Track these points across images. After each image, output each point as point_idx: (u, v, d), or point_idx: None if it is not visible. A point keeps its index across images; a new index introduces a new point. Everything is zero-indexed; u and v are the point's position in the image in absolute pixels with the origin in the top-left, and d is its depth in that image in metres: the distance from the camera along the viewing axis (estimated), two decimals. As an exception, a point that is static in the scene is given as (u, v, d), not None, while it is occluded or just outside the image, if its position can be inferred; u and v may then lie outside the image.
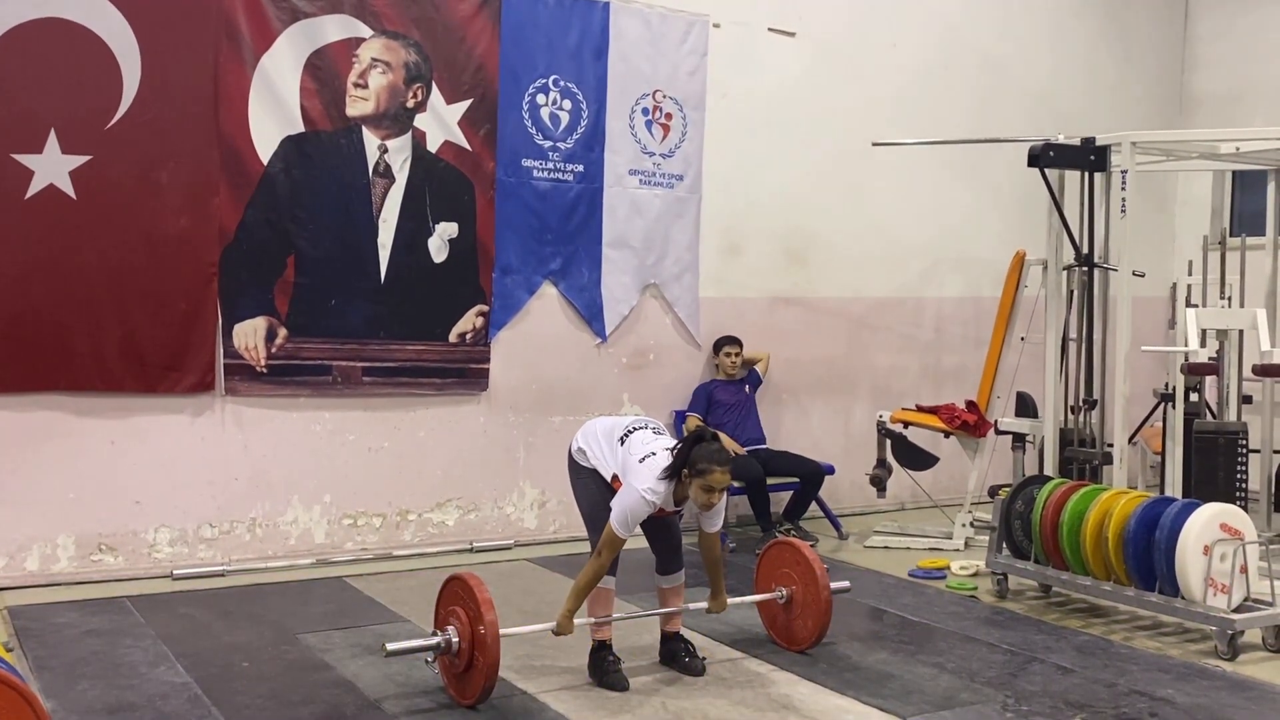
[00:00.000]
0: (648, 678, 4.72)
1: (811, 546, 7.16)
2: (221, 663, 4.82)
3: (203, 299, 6.24)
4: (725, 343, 7.61)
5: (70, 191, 5.91)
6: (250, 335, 6.38)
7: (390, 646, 4.34)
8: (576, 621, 4.54)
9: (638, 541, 4.81)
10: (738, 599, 5.10)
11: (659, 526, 4.76)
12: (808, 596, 4.99)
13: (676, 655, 4.82)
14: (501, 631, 4.23)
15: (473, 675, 4.28)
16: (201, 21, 6.16)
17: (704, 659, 4.82)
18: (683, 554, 4.84)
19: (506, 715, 4.32)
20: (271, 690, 4.51)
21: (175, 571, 6.21)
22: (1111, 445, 6.68)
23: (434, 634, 4.40)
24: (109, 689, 4.47)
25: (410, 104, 6.74)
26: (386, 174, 6.70)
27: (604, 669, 4.61)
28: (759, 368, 7.75)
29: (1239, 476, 6.55)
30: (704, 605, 4.86)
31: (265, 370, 6.42)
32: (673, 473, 4.40)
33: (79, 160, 5.92)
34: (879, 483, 7.49)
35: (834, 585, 5.01)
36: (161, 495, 6.22)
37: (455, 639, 4.32)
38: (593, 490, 4.69)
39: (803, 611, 5.03)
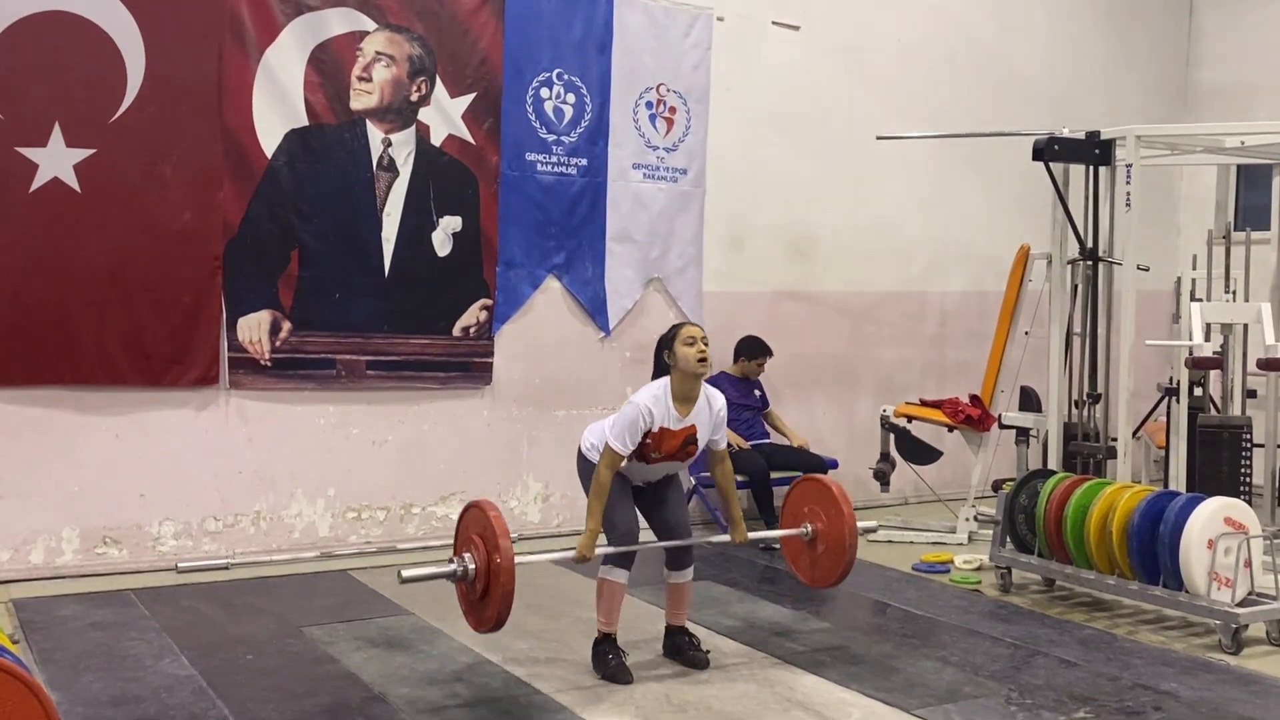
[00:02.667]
0: (652, 670, 4.73)
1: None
2: (226, 655, 4.83)
3: (207, 292, 6.25)
4: (759, 353, 7.46)
5: (75, 185, 5.91)
6: (254, 329, 6.38)
7: (406, 573, 4.33)
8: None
9: (649, 534, 4.82)
10: (759, 533, 5.18)
11: (665, 507, 4.74)
12: (833, 534, 4.93)
13: (681, 648, 4.83)
14: (517, 559, 4.19)
15: (488, 603, 4.25)
16: (205, 15, 6.16)
17: (708, 652, 4.82)
18: (692, 551, 4.82)
19: (511, 707, 4.32)
20: (276, 683, 4.52)
21: (179, 564, 6.15)
22: (1115, 439, 6.68)
23: (451, 561, 4.38)
24: (114, 681, 4.48)
25: (414, 97, 6.73)
26: (390, 168, 6.70)
27: (607, 662, 4.62)
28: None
29: (1243, 470, 6.55)
30: (726, 538, 4.86)
31: (269, 364, 6.43)
32: (658, 370, 4.60)
33: (83, 154, 5.92)
34: (883, 477, 7.49)
35: (861, 525, 4.95)
36: (166, 488, 6.23)
37: (472, 566, 4.29)
38: None
39: (827, 549, 4.96)
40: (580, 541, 4.54)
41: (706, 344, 4.55)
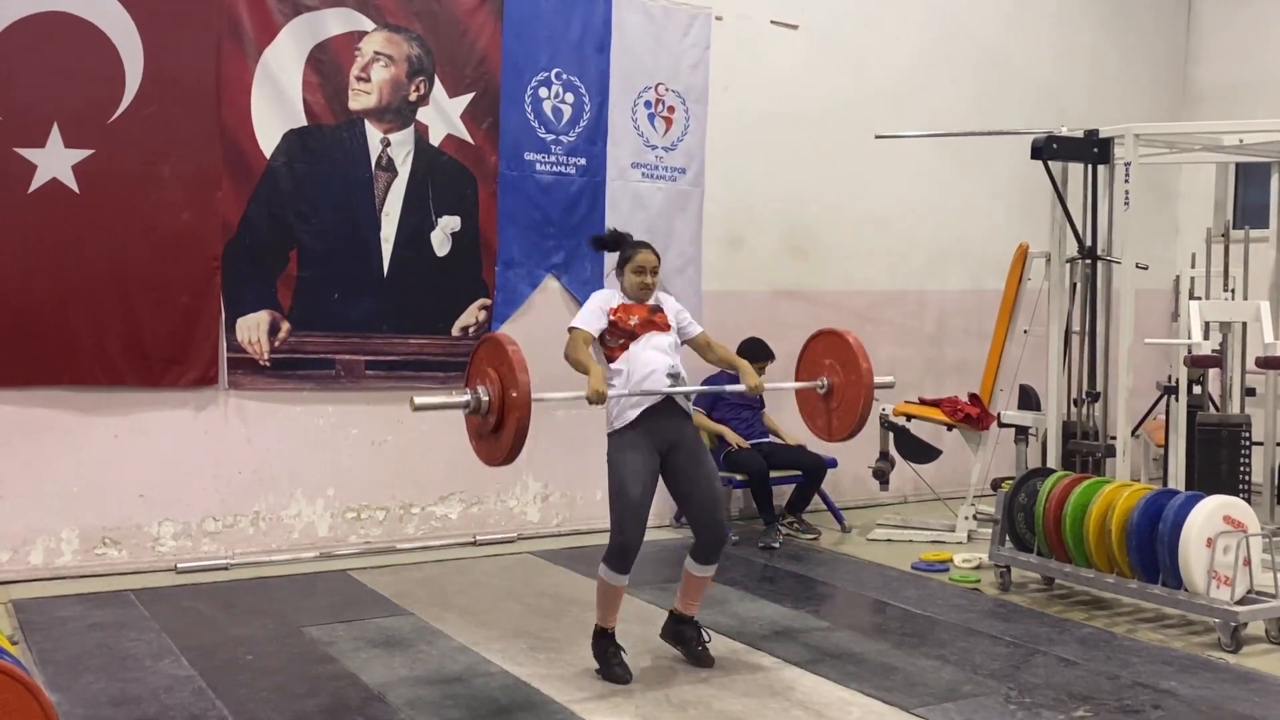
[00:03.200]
0: (652, 667, 4.73)
1: (814, 538, 7.25)
2: (225, 656, 4.83)
3: (206, 293, 6.24)
4: (761, 356, 7.22)
5: (73, 185, 5.91)
6: (253, 329, 6.38)
7: (418, 400, 4.27)
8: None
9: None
10: (777, 385, 5.15)
11: (702, 497, 4.64)
12: (849, 386, 4.89)
13: (688, 640, 4.80)
14: (534, 396, 4.14)
15: (502, 435, 4.21)
16: (204, 15, 6.16)
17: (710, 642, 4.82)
18: (723, 550, 4.76)
19: (510, 707, 4.32)
20: (275, 683, 4.52)
21: (179, 565, 6.22)
22: (1114, 438, 6.68)
23: (464, 391, 4.34)
24: (113, 682, 4.49)
25: (413, 97, 6.73)
26: (389, 168, 6.70)
27: (606, 660, 4.61)
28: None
29: (1242, 469, 6.55)
30: (740, 387, 4.74)
31: (268, 364, 6.43)
32: (602, 244, 4.91)
33: (82, 154, 5.92)
34: (882, 476, 7.49)
35: (879, 380, 4.89)
36: (165, 489, 6.23)
37: (485, 398, 4.25)
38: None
39: (842, 402, 4.93)
40: (589, 384, 4.41)
41: (655, 274, 4.76)
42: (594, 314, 4.65)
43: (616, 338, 4.63)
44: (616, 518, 4.53)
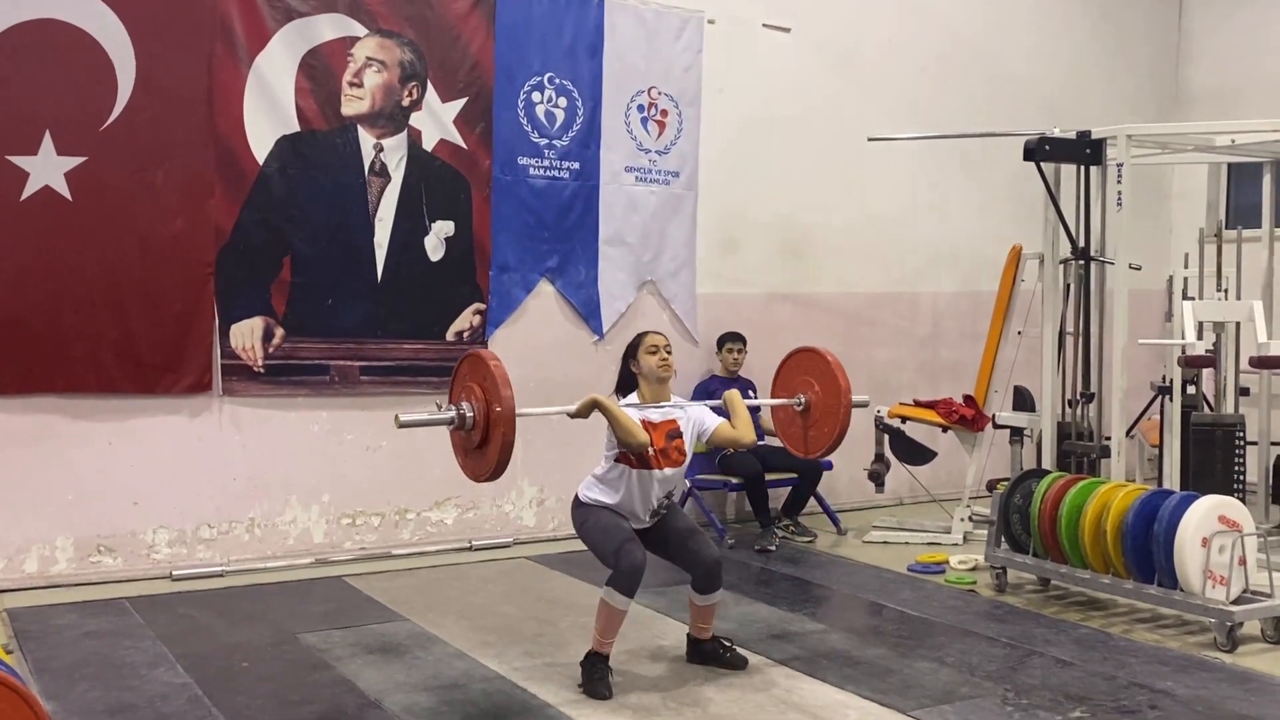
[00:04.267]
0: (649, 671, 4.72)
1: (810, 541, 7.25)
2: (221, 663, 4.82)
3: (199, 299, 6.24)
4: (728, 339, 7.57)
5: (66, 193, 5.90)
6: (247, 335, 6.38)
7: (403, 418, 4.31)
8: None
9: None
10: (754, 402, 5.09)
11: (683, 539, 4.69)
12: (827, 404, 4.93)
13: (716, 654, 4.80)
14: (518, 411, 4.16)
15: (488, 451, 4.23)
16: (196, 22, 6.15)
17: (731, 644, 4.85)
18: (722, 576, 4.74)
19: (507, 713, 4.32)
20: (271, 690, 4.51)
21: (174, 572, 6.20)
22: (1109, 438, 6.69)
23: (449, 408, 4.36)
24: (109, 690, 4.47)
25: (405, 103, 6.73)
26: (382, 173, 6.70)
27: (592, 676, 4.52)
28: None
29: (1237, 468, 6.56)
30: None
31: (262, 370, 6.42)
32: (624, 379, 4.75)
33: (74, 162, 5.91)
34: (877, 478, 7.49)
35: (855, 399, 4.92)
36: (160, 496, 6.21)
37: (470, 414, 4.28)
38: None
39: (820, 418, 4.96)
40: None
41: (669, 351, 4.69)
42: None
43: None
44: (614, 550, 4.50)
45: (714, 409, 4.86)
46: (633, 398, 4.69)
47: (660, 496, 4.66)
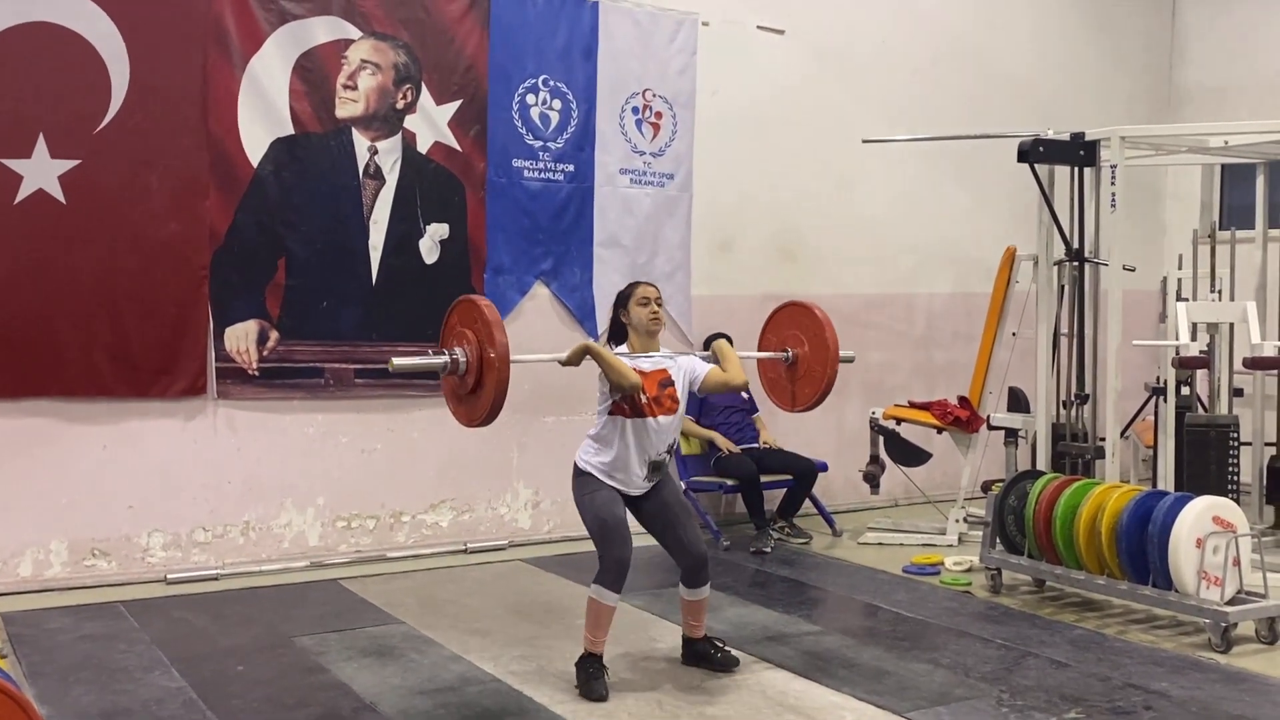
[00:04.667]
0: (645, 674, 4.72)
1: (805, 542, 7.25)
2: (216, 666, 4.81)
3: (194, 302, 6.23)
4: (715, 338, 7.51)
5: (59, 196, 5.89)
6: (242, 338, 6.37)
7: (396, 361, 4.32)
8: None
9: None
10: (742, 354, 4.94)
11: (675, 526, 4.69)
12: (815, 359, 4.92)
13: (707, 655, 4.81)
14: (513, 358, 4.15)
15: (482, 395, 4.22)
16: (189, 24, 6.15)
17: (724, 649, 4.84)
18: (709, 567, 4.75)
19: (503, 716, 4.31)
20: (267, 694, 4.51)
21: (169, 576, 6.19)
22: (1104, 439, 6.70)
23: (441, 352, 4.35)
24: (103, 694, 4.47)
25: (400, 105, 6.73)
26: (377, 175, 6.69)
27: (587, 676, 4.53)
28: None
29: (1231, 469, 6.57)
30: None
31: (257, 373, 6.41)
32: (614, 328, 4.77)
33: (68, 165, 5.90)
34: (872, 479, 7.50)
35: (843, 354, 4.92)
36: (154, 499, 6.20)
37: (463, 359, 4.27)
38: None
39: (807, 373, 4.96)
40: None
41: (660, 304, 4.74)
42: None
43: (625, 399, 4.56)
44: (603, 540, 4.53)
45: (703, 358, 4.85)
46: (623, 349, 4.70)
47: (657, 450, 4.61)
